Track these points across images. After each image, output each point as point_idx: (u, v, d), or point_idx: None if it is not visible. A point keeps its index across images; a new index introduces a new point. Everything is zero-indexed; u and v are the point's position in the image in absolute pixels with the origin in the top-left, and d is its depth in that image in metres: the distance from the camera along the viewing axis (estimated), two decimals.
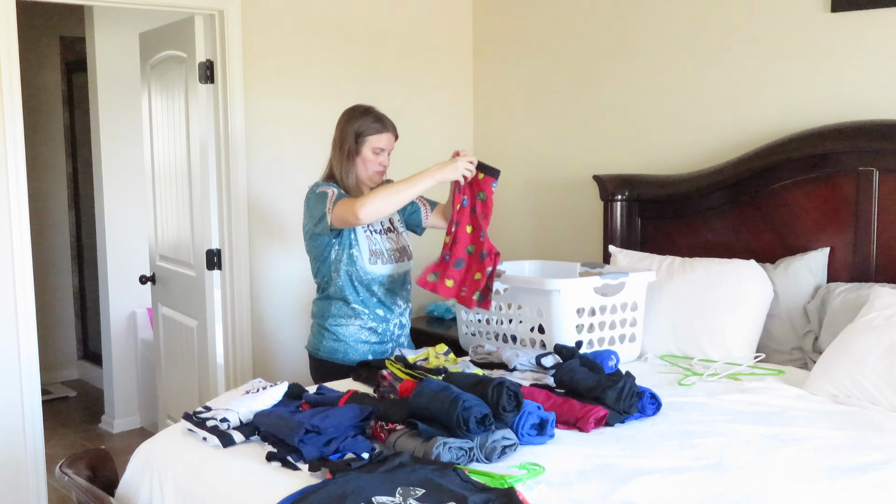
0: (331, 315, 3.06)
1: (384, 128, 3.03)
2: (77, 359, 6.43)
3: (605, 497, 1.87)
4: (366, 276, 3.01)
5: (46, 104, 6.08)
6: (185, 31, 3.95)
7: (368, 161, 3.02)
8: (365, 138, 3.01)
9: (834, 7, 3.19)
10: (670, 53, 3.73)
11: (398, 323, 3.13)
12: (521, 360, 2.69)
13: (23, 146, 3.38)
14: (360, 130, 3.01)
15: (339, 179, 3.03)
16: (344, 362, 3.03)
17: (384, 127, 3.03)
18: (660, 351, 3.17)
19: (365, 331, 3.05)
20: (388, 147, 3.05)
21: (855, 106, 3.15)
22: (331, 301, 3.06)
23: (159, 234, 4.45)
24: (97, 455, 2.43)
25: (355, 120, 3.03)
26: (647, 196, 3.67)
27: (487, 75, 4.54)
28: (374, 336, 3.06)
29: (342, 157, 3.03)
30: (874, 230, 3.05)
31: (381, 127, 3.03)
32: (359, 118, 3.03)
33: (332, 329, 3.06)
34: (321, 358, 3.09)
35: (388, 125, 3.05)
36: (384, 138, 3.03)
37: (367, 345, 3.04)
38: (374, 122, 3.03)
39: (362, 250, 3.00)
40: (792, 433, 2.28)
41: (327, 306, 3.07)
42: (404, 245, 3.16)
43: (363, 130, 3.01)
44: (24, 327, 3.43)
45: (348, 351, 3.04)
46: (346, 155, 3.02)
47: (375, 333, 3.06)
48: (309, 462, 2.04)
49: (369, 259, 3.01)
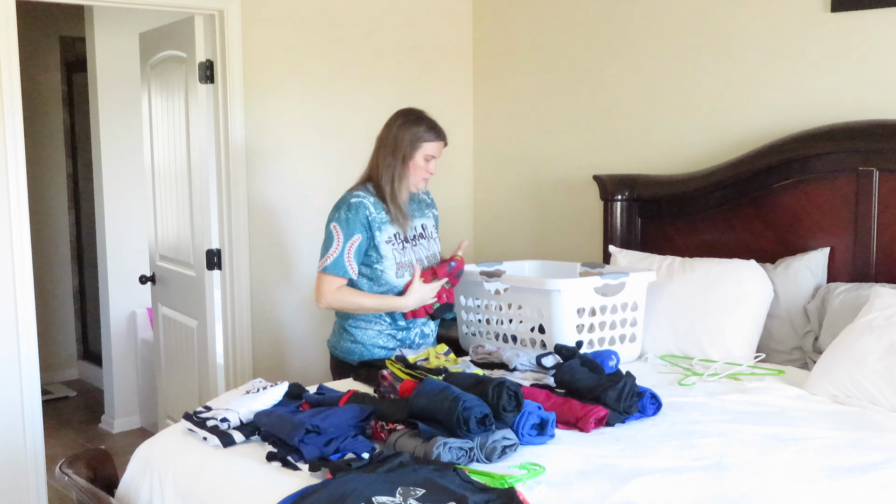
0: (351, 316, 3.04)
1: (440, 136, 3.01)
2: (77, 359, 6.43)
3: (606, 497, 1.87)
4: (393, 289, 2.99)
5: (46, 104, 6.08)
6: (185, 31, 3.95)
7: (419, 168, 2.99)
8: (420, 145, 2.97)
9: (834, 7, 3.19)
10: (670, 53, 3.73)
11: (420, 332, 3.10)
12: (522, 361, 2.69)
13: (23, 146, 3.38)
14: (417, 136, 2.97)
15: (385, 181, 2.98)
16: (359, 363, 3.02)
17: (440, 135, 3.01)
18: (660, 351, 3.17)
19: (384, 336, 3.03)
20: (439, 155, 3.03)
21: (855, 106, 3.15)
22: None
23: (159, 234, 4.45)
24: (97, 455, 2.43)
25: (411, 126, 2.98)
26: (647, 196, 3.67)
27: (487, 75, 4.54)
28: (393, 342, 3.03)
29: (395, 162, 2.97)
30: (874, 230, 3.05)
31: (436, 135, 3.00)
32: (414, 124, 2.98)
33: (350, 330, 3.04)
34: (337, 357, 3.09)
35: (442, 133, 3.03)
36: (438, 146, 3.01)
37: (384, 349, 3.02)
38: (430, 129, 2.99)
39: (387, 266, 2.97)
40: (792, 433, 2.28)
41: None
42: (435, 252, 3.13)
43: (419, 137, 2.97)
44: (24, 327, 3.43)
45: (364, 353, 3.02)
46: (400, 160, 2.97)
47: (394, 339, 3.04)
48: (309, 462, 2.04)
49: (396, 272, 2.98)
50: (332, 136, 4.16)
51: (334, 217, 2.98)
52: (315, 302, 2.98)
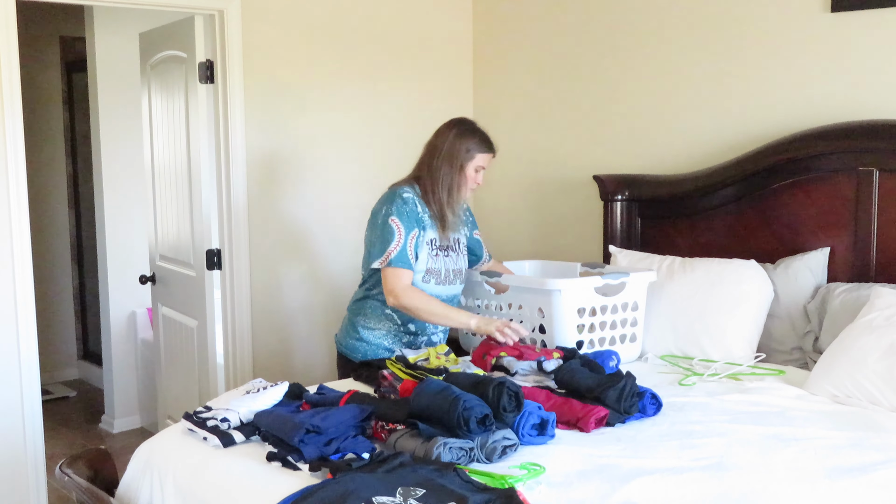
0: (362, 314, 3.05)
1: (491, 148, 3.05)
2: (77, 359, 6.43)
3: (606, 497, 1.87)
4: None
5: (46, 104, 6.08)
6: (185, 31, 3.95)
7: (469, 178, 3.03)
8: (474, 155, 3.01)
9: (834, 7, 3.19)
10: (670, 53, 3.73)
11: (427, 340, 3.09)
12: (522, 365, 2.68)
13: (23, 146, 3.38)
14: (470, 147, 3.00)
15: (440, 188, 3.00)
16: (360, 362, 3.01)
17: (492, 147, 3.06)
18: (660, 351, 3.17)
19: (390, 337, 3.03)
20: (488, 166, 3.08)
21: (854, 106, 3.15)
22: (367, 300, 3.04)
23: (159, 234, 4.45)
24: (97, 455, 2.43)
25: (466, 137, 3.01)
26: (647, 196, 3.67)
27: (487, 75, 4.54)
28: (398, 345, 3.03)
29: (451, 171, 2.99)
30: (874, 230, 3.05)
31: (489, 147, 3.04)
32: (468, 135, 3.02)
33: (358, 328, 3.05)
34: (342, 353, 3.09)
35: (493, 146, 3.07)
36: (488, 158, 3.05)
37: (388, 352, 3.02)
38: (483, 141, 3.03)
39: (417, 268, 2.97)
40: (792, 433, 2.28)
41: (363, 304, 3.06)
42: (461, 267, 3.13)
43: (473, 148, 3.01)
44: (24, 327, 3.43)
45: (368, 353, 3.02)
46: (457, 169, 2.99)
47: (399, 342, 3.04)
48: (309, 462, 2.04)
49: (423, 277, 2.98)
50: (332, 135, 4.16)
51: (391, 211, 2.94)
52: (392, 303, 2.91)
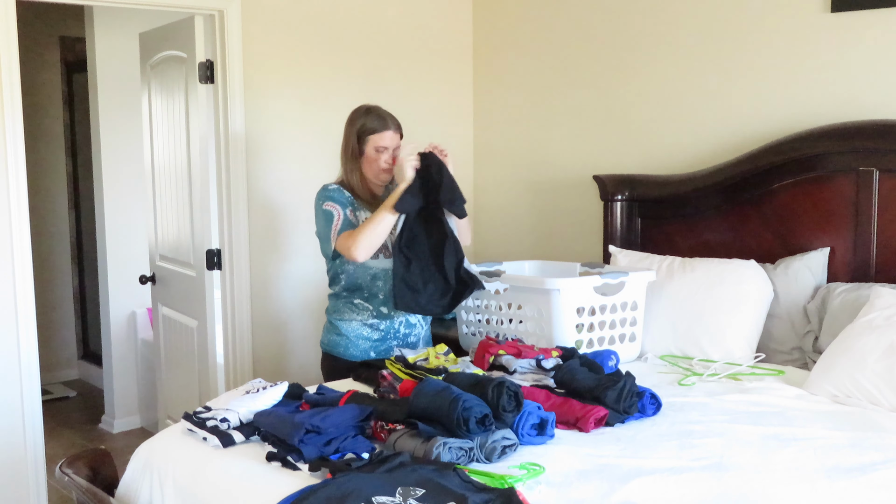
0: (335, 309, 3.09)
1: (385, 126, 3.02)
2: (77, 359, 6.43)
3: (605, 497, 1.87)
4: (365, 271, 3.01)
5: (46, 104, 6.08)
6: (185, 31, 3.95)
7: (372, 160, 3.02)
8: (367, 137, 3.01)
9: (834, 7, 3.19)
10: (670, 53, 3.73)
11: (405, 321, 3.10)
12: (521, 363, 2.68)
13: (23, 146, 3.38)
14: (362, 129, 3.02)
15: (346, 181, 3.05)
16: (345, 357, 3.03)
17: (385, 125, 3.02)
18: (660, 351, 3.17)
19: (366, 327, 3.05)
20: (392, 145, 3.04)
21: (855, 106, 3.15)
22: (337, 296, 3.09)
23: (159, 234, 4.45)
24: (97, 455, 2.43)
25: (357, 119, 3.04)
26: (647, 196, 3.67)
27: (487, 75, 4.54)
28: (376, 333, 3.05)
29: (346, 158, 3.05)
30: (874, 230, 3.05)
31: (382, 125, 3.02)
32: (361, 117, 3.04)
33: (335, 323, 3.08)
34: (324, 351, 3.12)
35: (391, 123, 3.04)
36: (387, 136, 3.02)
37: (368, 341, 3.04)
38: (375, 120, 3.02)
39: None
40: (792, 433, 2.28)
41: (334, 301, 3.11)
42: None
43: (365, 129, 3.01)
44: (24, 327, 3.43)
45: (349, 346, 3.04)
46: (350, 155, 3.03)
47: (377, 330, 3.05)
48: (309, 462, 2.04)
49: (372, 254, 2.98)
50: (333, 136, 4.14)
51: (321, 199, 3.01)
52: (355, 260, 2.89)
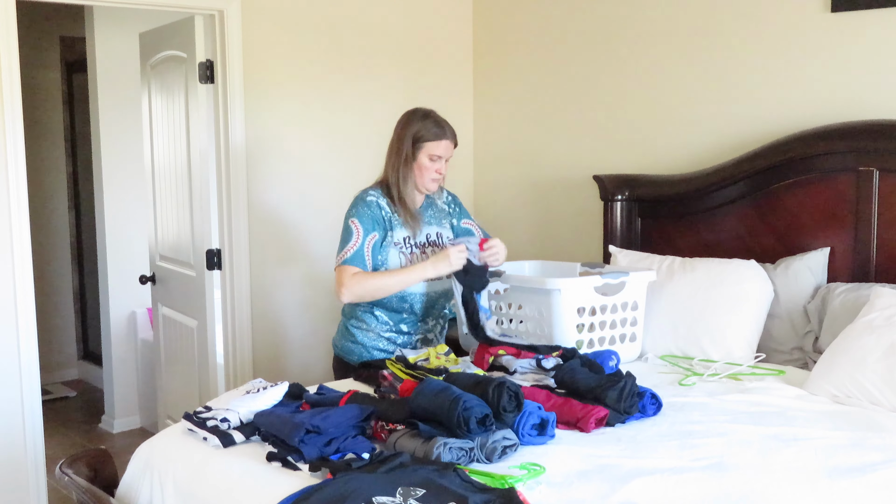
0: (354, 316, 3.02)
1: (443, 134, 2.91)
2: (77, 359, 6.43)
3: (606, 497, 1.87)
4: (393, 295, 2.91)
5: (46, 104, 6.08)
6: (185, 31, 3.95)
7: (424, 168, 2.92)
8: (422, 144, 2.90)
9: (834, 7, 3.19)
10: (670, 53, 3.73)
11: (422, 339, 3.06)
12: (522, 363, 2.68)
13: (23, 146, 3.38)
14: (419, 136, 2.90)
15: (392, 184, 2.94)
16: (357, 364, 3.00)
17: (443, 133, 2.91)
18: (660, 351, 3.17)
19: (383, 339, 3.00)
20: (446, 154, 2.94)
21: (855, 106, 3.15)
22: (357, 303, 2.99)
23: (159, 234, 4.45)
24: (97, 455, 2.43)
25: (414, 124, 2.92)
26: (647, 196, 3.67)
27: (487, 75, 4.54)
28: (392, 346, 3.00)
29: (398, 162, 2.92)
30: (874, 230, 3.05)
31: (440, 133, 2.91)
32: (417, 122, 2.91)
33: (351, 330, 3.02)
34: (337, 355, 3.08)
35: (448, 132, 2.93)
36: (442, 145, 2.92)
37: (383, 353, 2.99)
38: (434, 127, 2.91)
39: (389, 265, 2.90)
40: (792, 433, 2.28)
41: (354, 307, 3.02)
42: None
43: (421, 136, 2.90)
44: (24, 327, 3.43)
45: (363, 354, 3.00)
46: (403, 160, 2.91)
47: (394, 344, 3.01)
48: (309, 462, 2.04)
49: None
50: (333, 136, 4.17)
51: (352, 213, 2.91)
52: (337, 296, 2.85)
